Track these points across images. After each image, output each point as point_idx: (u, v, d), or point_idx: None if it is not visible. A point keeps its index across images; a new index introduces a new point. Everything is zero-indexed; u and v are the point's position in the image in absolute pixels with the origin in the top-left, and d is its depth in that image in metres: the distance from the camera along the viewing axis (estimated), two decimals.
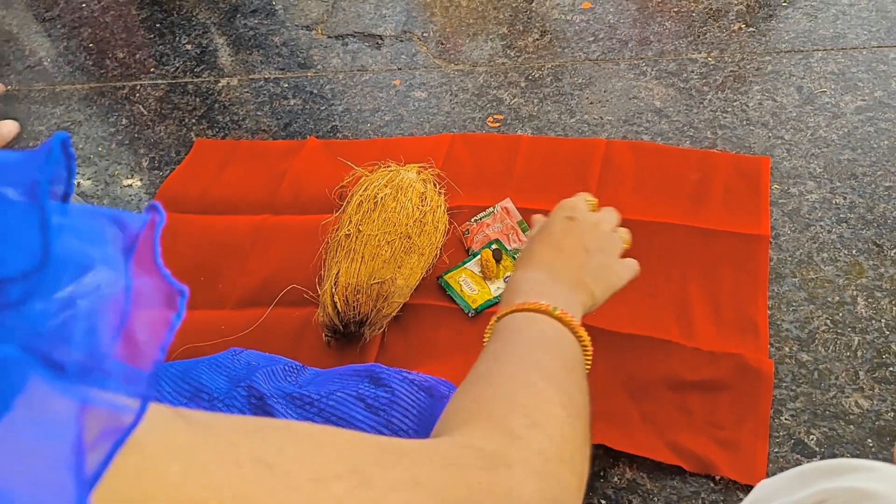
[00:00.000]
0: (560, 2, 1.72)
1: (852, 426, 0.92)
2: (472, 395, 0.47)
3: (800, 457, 0.91)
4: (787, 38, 1.50)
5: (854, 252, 1.10)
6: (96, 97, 1.73)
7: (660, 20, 1.62)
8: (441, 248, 1.19)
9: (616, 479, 0.92)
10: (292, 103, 1.60)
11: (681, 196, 1.21)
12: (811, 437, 0.92)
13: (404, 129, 1.48)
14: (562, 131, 1.40)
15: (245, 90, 1.66)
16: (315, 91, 1.62)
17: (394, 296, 1.08)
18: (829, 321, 1.03)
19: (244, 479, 0.30)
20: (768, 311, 1.04)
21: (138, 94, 1.70)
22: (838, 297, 1.05)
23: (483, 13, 1.75)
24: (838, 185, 1.20)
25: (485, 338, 0.54)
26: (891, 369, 0.97)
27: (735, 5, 1.61)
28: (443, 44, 1.68)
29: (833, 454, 0.91)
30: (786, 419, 0.94)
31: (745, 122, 1.34)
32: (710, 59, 1.49)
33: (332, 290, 1.08)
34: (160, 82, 1.73)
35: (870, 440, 0.91)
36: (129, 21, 1.97)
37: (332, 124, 1.53)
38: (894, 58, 1.40)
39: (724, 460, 0.89)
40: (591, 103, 1.44)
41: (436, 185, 1.26)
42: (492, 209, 1.23)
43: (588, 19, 1.66)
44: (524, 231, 1.20)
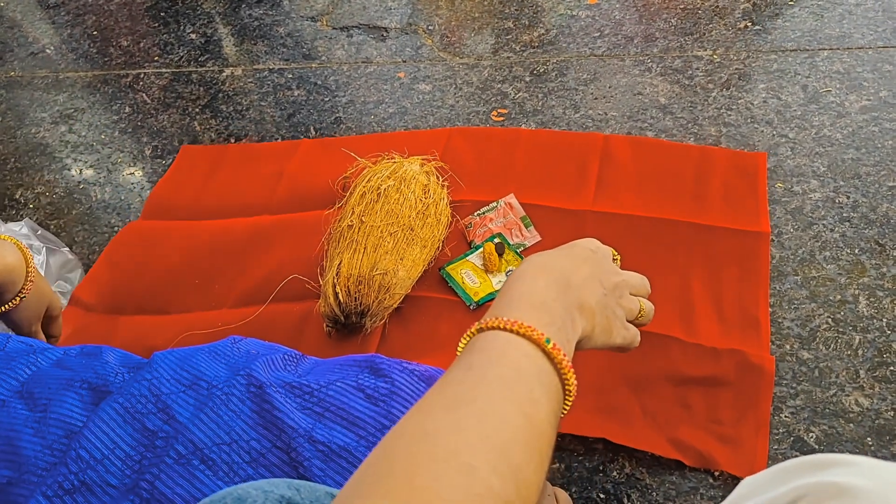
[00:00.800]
0: None
1: (852, 424, 0.92)
2: (394, 457, 0.38)
3: (799, 454, 0.91)
4: (792, 36, 1.49)
5: (856, 251, 1.10)
6: (100, 85, 1.72)
7: (665, 17, 1.61)
8: (443, 241, 1.19)
9: (615, 473, 0.92)
10: (296, 94, 1.60)
11: (680, 192, 1.21)
12: (811, 434, 0.92)
13: (408, 121, 1.47)
14: (566, 126, 1.39)
15: (249, 80, 1.66)
16: (319, 82, 1.62)
17: (395, 287, 1.07)
18: (830, 319, 1.03)
19: None
20: (770, 309, 1.04)
21: (142, 83, 1.70)
22: (840, 296, 1.05)
23: (489, 7, 1.74)
24: (842, 184, 1.20)
25: (459, 347, 0.47)
26: (891, 368, 0.97)
27: (741, 3, 1.61)
28: (448, 37, 1.68)
29: (832, 452, 0.91)
30: (786, 416, 0.94)
31: (749, 120, 1.33)
32: (715, 56, 1.49)
33: (335, 280, 1.07)
34: (164, 71, 1.72)
35: (869, 438, 0.91)
36: (133, 9, 1.97)
37: (336, 115, 1.52)
38: None
39: (724, 456, 0.89)
40: (595, 99, 1.44)
41: (439, 177, 1.26)
42: (495, 204, 1.23)
43: (594, 15, 1.66)
44: (527, 227, 1.20)
